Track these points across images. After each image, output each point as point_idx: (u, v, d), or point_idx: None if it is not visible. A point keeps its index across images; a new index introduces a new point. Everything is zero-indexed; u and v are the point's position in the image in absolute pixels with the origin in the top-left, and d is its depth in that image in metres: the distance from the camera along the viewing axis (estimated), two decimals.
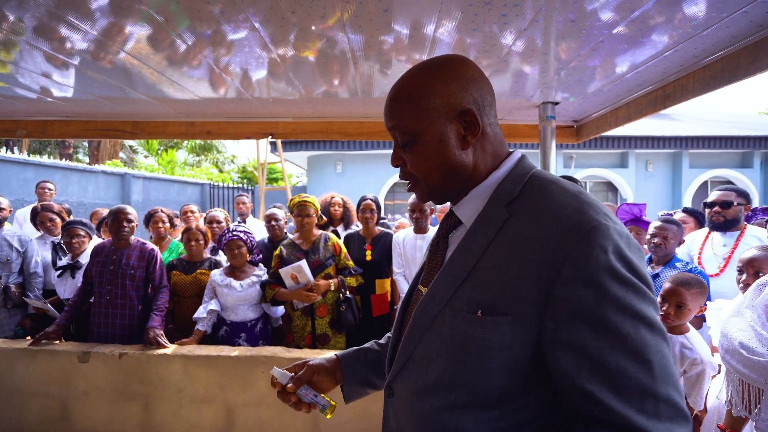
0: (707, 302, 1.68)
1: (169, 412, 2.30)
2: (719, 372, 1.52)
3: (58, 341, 2.44)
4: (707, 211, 2.49)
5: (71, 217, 3.25)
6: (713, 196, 2.46)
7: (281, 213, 3.09)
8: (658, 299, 1.68)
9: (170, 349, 2.34)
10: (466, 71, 0.69)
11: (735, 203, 2.38)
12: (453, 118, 0.67)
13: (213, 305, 2.49)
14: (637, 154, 10.60)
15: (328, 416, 0.81)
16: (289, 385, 0.80)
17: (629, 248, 0.57)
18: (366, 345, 0.94)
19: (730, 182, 10.54)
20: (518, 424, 0.62)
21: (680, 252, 2.69)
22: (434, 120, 0.67)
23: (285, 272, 2.44)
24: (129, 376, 2.30)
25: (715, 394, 1.49)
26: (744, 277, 1.55)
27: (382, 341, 0.94)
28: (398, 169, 0.74)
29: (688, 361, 1.57)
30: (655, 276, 2.21)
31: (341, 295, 2.52)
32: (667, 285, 1.66)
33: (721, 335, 1.27)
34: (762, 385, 1.11)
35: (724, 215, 2.38)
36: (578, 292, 0.55)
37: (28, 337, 2.63)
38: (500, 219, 0.64)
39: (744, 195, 2.43)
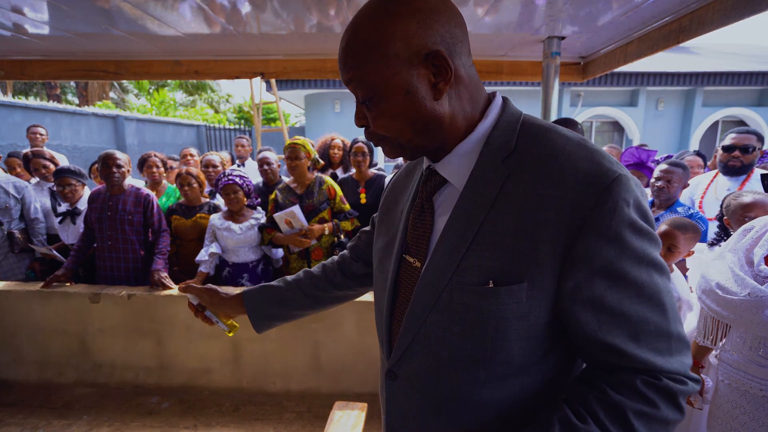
0: None
1: (180, 347, 2.47)
2: (693, 310, 1.60)
3: (68, 283, 2.55)
4: (723, 154, 2.34)
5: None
6: (731, 139, 2.31)
7: (273, 156, 3.04)
8: None
9: (175, 289, 2.45)
10: (425, 3, 0.57)
11: (755, 148, 2.25)
12: (419, 64, 0.56)
13: (214, 248, 2.56)
14: (648, 92, 10.14)
15: (230, 335, 0.97)
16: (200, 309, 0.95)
17: (643, 196, 0.56)
18: (274, 283, 0.95)
19: (742, 122, 10.20)
20: (541, 384, 0.62)
21: (683, 195, 2.62)
22: (397, 69, 0.56)
23: (279, 217, 2.47)
24: (139, 315, 2.44)
25: (688, 330, 1.58)
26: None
27: (289, 278, 0.96)
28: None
29: None
30: (656, 220, 2.16)
31: (336, 239, 2.57)
32: (663, 227, 1.68)
33: (701, 277, 1.31)
34: (731, 321, 1.17)
35: (742, 160, 2.26)
36: (600, 249, 0.52)
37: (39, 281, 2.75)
38: (500, 177, 0.58)
39: (761, 139, 2.32)
